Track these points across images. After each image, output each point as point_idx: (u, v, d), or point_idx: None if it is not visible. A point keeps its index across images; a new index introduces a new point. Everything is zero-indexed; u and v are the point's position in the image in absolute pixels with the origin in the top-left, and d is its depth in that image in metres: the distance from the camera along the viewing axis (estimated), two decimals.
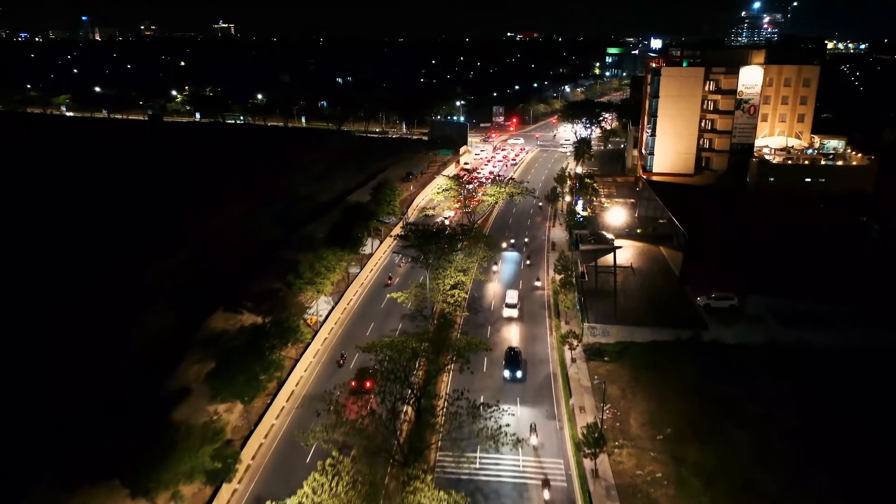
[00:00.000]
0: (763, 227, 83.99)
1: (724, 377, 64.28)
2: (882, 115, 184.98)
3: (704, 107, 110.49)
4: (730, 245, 77.29)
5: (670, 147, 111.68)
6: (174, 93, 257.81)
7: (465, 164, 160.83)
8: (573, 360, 68.70)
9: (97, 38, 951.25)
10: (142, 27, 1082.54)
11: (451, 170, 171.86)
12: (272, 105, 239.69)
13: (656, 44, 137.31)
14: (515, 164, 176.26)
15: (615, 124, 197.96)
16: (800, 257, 75.76)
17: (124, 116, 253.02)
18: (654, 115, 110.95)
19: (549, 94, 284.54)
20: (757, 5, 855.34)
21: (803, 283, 73.44)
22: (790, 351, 68.18)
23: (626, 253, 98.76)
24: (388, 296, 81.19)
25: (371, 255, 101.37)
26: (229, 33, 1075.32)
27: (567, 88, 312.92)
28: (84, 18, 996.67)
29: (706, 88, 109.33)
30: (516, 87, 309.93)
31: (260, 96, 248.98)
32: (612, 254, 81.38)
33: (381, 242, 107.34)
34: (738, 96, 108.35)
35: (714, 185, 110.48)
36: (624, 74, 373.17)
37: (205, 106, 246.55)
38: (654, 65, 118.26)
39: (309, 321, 74.12)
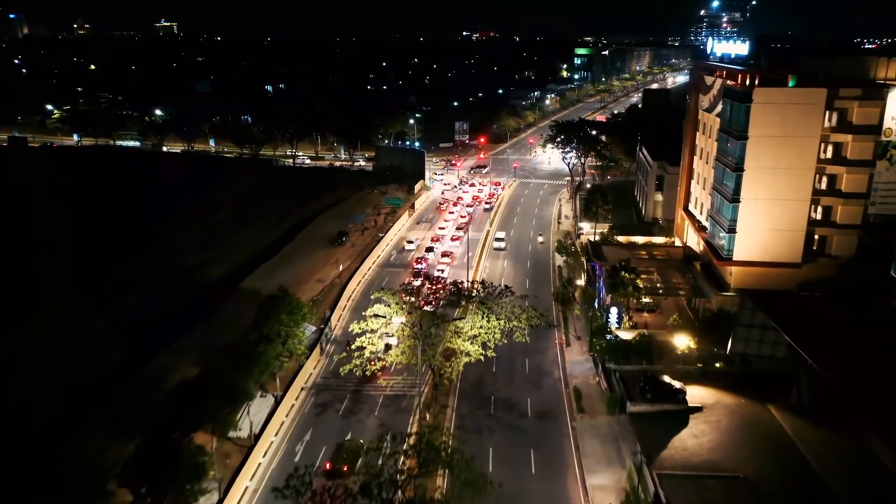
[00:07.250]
0: None
1: None
2: None
3: (821, 154, 66.40)
4: None
5: (764, 219, 67.10)
6: (50, 107, 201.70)
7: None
8: None
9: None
10: (75, 25, 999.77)
11: (405, 220, 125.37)
12: (175, 122, 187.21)
13: (725, 48, 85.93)
14: (490, 208, 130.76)
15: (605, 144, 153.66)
16: None
17: None
18: (739, 169, 66.11)
19: (519, 105, 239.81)
20: (716, 4, 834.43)
21: None
22: None
23: (711, 420, 54.75)
24: None
25: (256, 440, 53.84)
26: (172, 32, 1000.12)
27: (541, 97, 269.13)
28: (12, 17, 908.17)
29: (825, 123, 65.15)
30: (480, 95, 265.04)
31: (158, 111, 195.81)
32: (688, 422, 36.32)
33: (277, 401, 59.51)
34: (883, 136, 64.52)
35: (836, 281, 66.53)
36: (604, 79, 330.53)
37: (91, 124, 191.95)
38: (729, 82, 73.09)
39: None
